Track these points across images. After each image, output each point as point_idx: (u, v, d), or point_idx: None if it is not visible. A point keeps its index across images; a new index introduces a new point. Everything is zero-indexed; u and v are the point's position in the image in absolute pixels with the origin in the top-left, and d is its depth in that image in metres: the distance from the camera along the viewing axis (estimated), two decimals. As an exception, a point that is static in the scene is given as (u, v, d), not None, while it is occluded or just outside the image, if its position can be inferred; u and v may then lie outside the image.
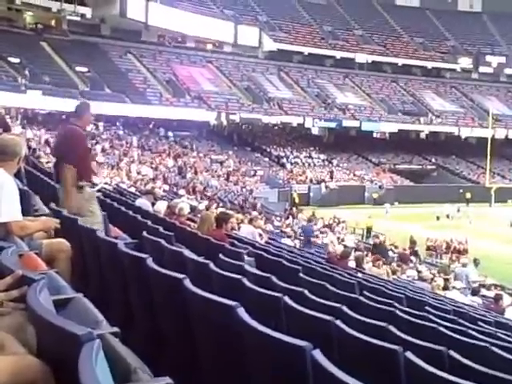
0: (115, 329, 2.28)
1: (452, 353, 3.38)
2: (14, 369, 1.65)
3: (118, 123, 39.55)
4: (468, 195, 44.16)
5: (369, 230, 29.72)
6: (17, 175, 4.67)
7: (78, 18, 43.28)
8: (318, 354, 2.20)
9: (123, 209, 7.75)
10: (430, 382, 2.66)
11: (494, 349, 4.10)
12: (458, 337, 4.35)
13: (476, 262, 19.87)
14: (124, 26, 46.32)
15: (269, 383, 2.50)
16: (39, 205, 5.71)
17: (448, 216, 36.62)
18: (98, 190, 10.73)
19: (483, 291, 15.23)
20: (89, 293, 2.65)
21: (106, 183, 15.66)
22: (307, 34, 59.23)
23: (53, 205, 5.67)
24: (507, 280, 19.22)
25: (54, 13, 43.14)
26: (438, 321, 5.03)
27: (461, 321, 5.85)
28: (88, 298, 2.48)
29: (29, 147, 18.89)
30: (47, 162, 15.41)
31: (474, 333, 4.95)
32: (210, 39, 52.50)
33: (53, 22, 44.38)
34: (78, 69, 40.20)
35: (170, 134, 42.31)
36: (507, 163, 54.29)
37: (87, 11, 43.39)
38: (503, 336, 5.62)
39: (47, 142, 27.38)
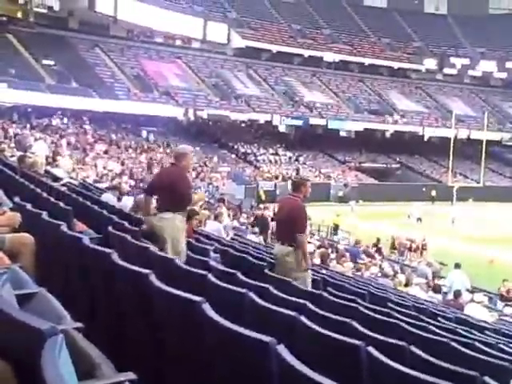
0: (79, 324, 2.27)
1: (413, 348, 3.44)
2: None
3: (84, 117, 38.95)
4: (433, 193, 44.98)
5: (336, 227, 29.93)
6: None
7: (45, 11, 42.49)
8: (282, 348, 2.23)
9: (88, 203, 7.64)
10: (392, 377, 2.70)
11: (454, 344, 4.19)
12: (419, 332, 4.42)
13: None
14: (92, 19, 45.62)
15: (234, 378, 2.52)
16: (3, 199, 5.62)
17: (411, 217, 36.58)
18: (63, 185, 10.59)
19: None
20: (53, 288, 2.62)
21: (71, 177, 15.39)
22: (276, 32, 59.36)
23: (17, 199, 5.58)
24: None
25: (20, 4, 42.21)
26: (400, 317, 5.10)
27: (422, 316, 5.94)
28: (52, 293, 2.45)
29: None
30: (11, 156, 15.08)
31: (434, 328, 5.04)
32: (178, 35, 52.17)
33: (19, 14, 43.30)
34: (45, 62, 39.42)
35: (144, 131, 41.88)
36: (468, 163, 55.26)
37: (55, 4, 42.58)
38: (462, 332, 5.73)
39: (13, 136, 26.72)
